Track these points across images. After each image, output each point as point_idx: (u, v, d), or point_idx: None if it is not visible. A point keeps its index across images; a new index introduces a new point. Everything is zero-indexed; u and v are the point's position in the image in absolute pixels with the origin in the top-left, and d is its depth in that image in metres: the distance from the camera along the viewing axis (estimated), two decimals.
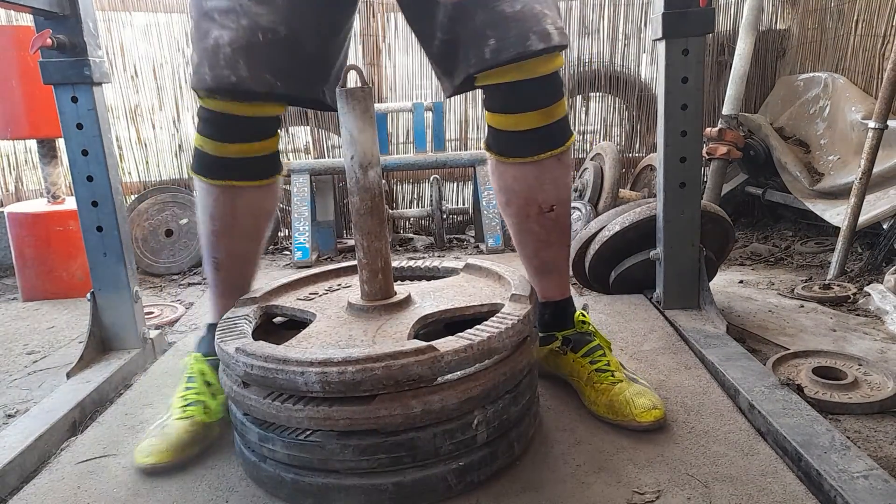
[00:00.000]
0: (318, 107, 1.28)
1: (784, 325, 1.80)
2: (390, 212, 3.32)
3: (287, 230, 3.33)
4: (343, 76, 1.11)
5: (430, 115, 3.26)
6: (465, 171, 3.54)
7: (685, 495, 0.96)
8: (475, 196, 3.19)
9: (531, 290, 1.13)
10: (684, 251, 1.70)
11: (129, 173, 3.49)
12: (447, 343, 0.93)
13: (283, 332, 1.21)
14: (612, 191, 2.99)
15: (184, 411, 1.18)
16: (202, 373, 1.23)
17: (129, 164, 3.48)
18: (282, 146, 3.55)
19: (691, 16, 1.54)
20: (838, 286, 2.06)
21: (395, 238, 3.37)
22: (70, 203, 2.53)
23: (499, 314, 1.03)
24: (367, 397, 0.91)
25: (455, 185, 3.66)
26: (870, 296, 1.91)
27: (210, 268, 1.28)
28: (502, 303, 1.09)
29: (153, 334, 1.74)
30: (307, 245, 2.87)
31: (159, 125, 3.45)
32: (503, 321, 1.00)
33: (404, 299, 1.12)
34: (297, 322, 1.17)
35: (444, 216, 3.16)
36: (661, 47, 1.59)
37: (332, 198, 3.15)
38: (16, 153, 3.31)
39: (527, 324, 1.04)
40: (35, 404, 1.40)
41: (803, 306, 1.95)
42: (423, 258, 1.42)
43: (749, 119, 3.04)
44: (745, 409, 1.21)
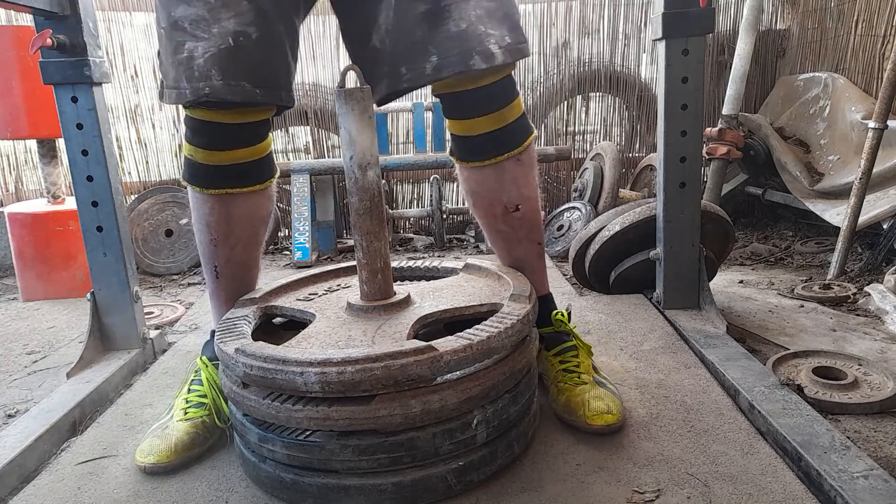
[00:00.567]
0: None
1: (784, 325, 1.79)
2: (390, 212, 3.32)
3: (287, 230, 3.33)
4: (342, 76, 1.11)
5: (430, 115, 3.26)
6: None
7: (685, 494, 0.96)
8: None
9: (530, 290, 1.13)
10: (684, 251, 1.70)
11: (129, 173, 3.49)
12: (446, 343, 0.93)
13: (283, 333, 1.21)
14: (612, 191, 2.99)
15: (185, 413, 1.18)
16: (210, 378, 1.22)
17: (129, 164, 3.48)
18: (282, 146, 3.60)
19: (691, 16, 1.54)
20: (838, 286, 2.06)
21: (395, 238, 3.37)
22: (70, 203, 2.53)
23: (498, 314, 1.03)
24: (366, 397, 0.91)
25: (455, 185, 3.66)
26: (870, 296, 1.91)
27: (210, 276, 1.27)
28: (502, 303, 1.09)
29: (153, 334, 1.74)
30: (307, 245, 2.87)
31: (159, 125, 3.45)
32: (502, 321, 1.00)
33: (403, 299, 1.12)
34: (297, 322, 1.17)
35: (444, 216, 3.16)
36: (661, 47, 1.59)
37: (332, 198, 3.15)
38: (16, 153, 3.31)
39: (526, 324, 1.04)
40: (35, 404, 1.40)
41: (803, 306, 1.95)
42: (423, 258, 1.42)
43: (749, 119, 3.04)
44: (745, 408, 1.21)
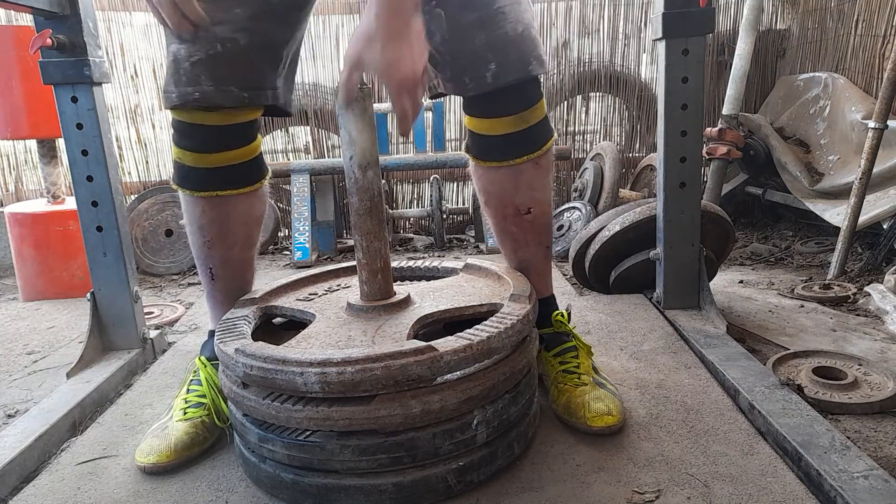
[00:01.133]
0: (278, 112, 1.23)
1: (784, 325, 1.79)
2: (390, 212, 3.32)
3: (287, 230, 3.33)
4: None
5: (430, 115, 3.26)
6: (464, 171, 3.50)
7: (685, 494, 0.96)
8: (475, 196, 3.18)
9: (531, 290, 1.13)
10: (684, 251, 1.70)
11: (129, 173, 3.49)
12: (446, 343, 0.93)
13: (283, 333, 1.21)
14: (612, 191, 2.99)
15: (185, 413, 1.18)
16: (209, 378, 1.22)
17: (129, 164, 3.48)
18: (282, 146, 3.59)
19: (691, 16, 1.54)
20: (838, 286, 2.06)
21: (395, 238, 3.37)
22: (70, 203, 2.53)
23: (498, 314, 1.03)
24: (366, 397, 0.91)
25: (455, 185, 3.66)
26: (870, 296, 1.90)
27: (206, 278, 1.27)
28: (502, 303, 1.09)
29: (153, 334, 1.74)
30: (307, 245, 2.87)
31: (159, 125, 3.45)
32: (502, 321, 1.00)
33: (403, 299, 1.12)
34: (297, 323, 1.17)
35: (444, 216, 3.16)
36: (661, 47, 1.59)
37: (332, 198, 3.15)
38: (16, 153, 3.31)
39: (526, 324, 1.04)
40: (35, 404, 1.39)
41: (803, 306, 1.95)
42: (423, 258, 1.42)
43: (749, 119, 3.04)
44: (746, 409, 1.21)
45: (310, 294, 1.25)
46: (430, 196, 3.15)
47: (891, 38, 2.52)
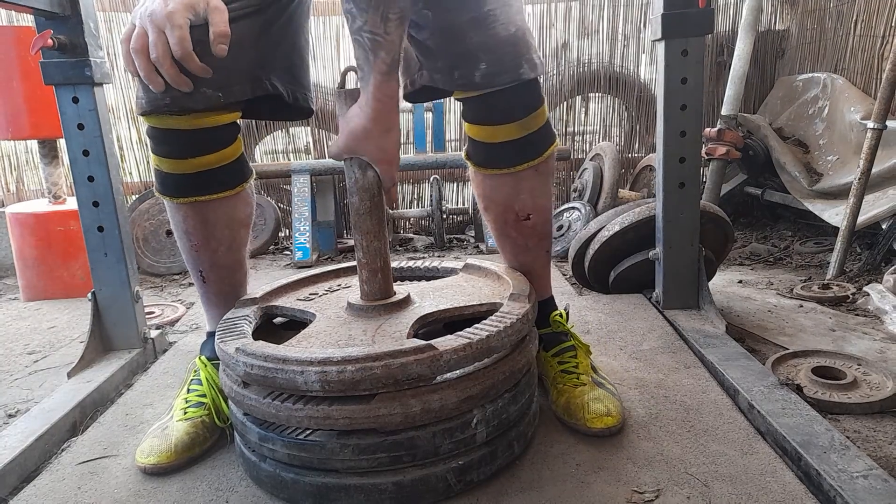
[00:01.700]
0: (274, 113, 1.22)
1: (783, 324, 1.80)
2: (390, 212, 3.32)
3: (287, 230, 3.33)
4: (342, 77, 1.11)
5: (430, 115, 3.27)
6: (464, 172, 3.49)
7: (685, 494, 0.97)
8: (475, 196, 3.19)
9: (530, 290, 1.13)
10: (684, 251, 1.70)
11: (130, 173, 3.49)
12: (446, 342, 0.93)
13: (283, 333, 1.21)
14: (612, 191, 2.99)
15: (185, 413, 1.18)
16: (210, 378, 1.23)
17: (130, 164, 3.49)
18: (282, 146, 3.60)
19: (691, 16, 1.55)
20: (837, 286, 2.06)
21: (395, 238, 3.37)
22: (71, 203, 2.54)
23: (498, 313, 1.03)
24: (366, 396, 0.91)
25: (455, 185, 3.66)
26: (869, 296, 1.91)
27: (197, 281, 1.27)
28: (501, 302, 1.09)
29: (154, 334, 1.74)
30: (308, 245, 2.87)
31: None
32: (502, 320, 1.00)
33: (403, 299, 1.12)
34: (297, 322, 1.18)
35: (444, 216, 3.16)
36: (661, 48, 1.60)
37: (332, 198, 3.16)
38: (17, 153, 3.32)
39: (525, 323, 1.04)
40: (36, 404, 1.40)
41: (802, 306, 1.96)
42: (423, 258, 1.43)
43: (748, 119, 3.04)
44: (745, 408, 1.21)
45: (310, 294, 1.26)
46: (430, 196, 3.15)
47: (890, 38, 2.52)
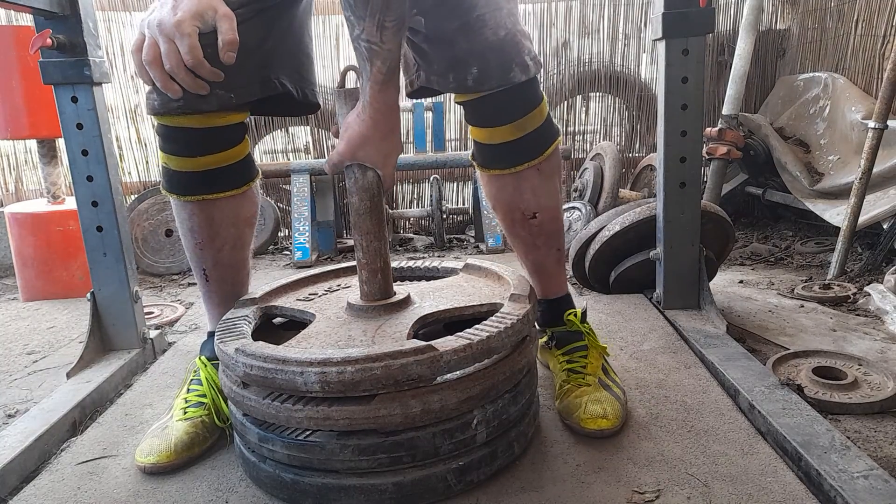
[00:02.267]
0: (283, 109, 1.23)
1: (784, 325, 1.79)
2: (390, 212, 3.32)
3: (287, 230, 3.33)
4: (342, 76, 1.11)
5: (430, 115, 3.26)
6: (465, 171, 3.54)
7: (685, 494, 0.96)
8: (475, 196, 3.19)
9: (530, 290, 1.13)
10: (684, 251, 1.70)
11: (129, 173, 3.49)
12: (446, 343, 0.93)
13: (283, 333, 1.21)
14: (612, 191, 2.99)
15: (185, 413, 1.18)
16: (210, 378, 1.23)
17: (129, 164, 3.48)
18: (282, 146, 3.59)
19: (691, 16, 1.54)
20: (838, 286, 2.06)
21: (395, 238, 3.37)
22: (70, 203, 2.53)
23: (498, 314, 1.03)
24: (366, 397, 0.91)
25: (455, 185, 3.66)
26: (870, 296, 1.90)
27: (200, 280, 1.27)
28: (501, 302, 1.09)
29: (153, 334, 1.73)
30: (307, 245, 2.87)
31: None
32: (502, 321, 1.00)
33: (403, 299, 1.12)
34: (297, 322, 1.17)
35: (444, 216, 3.16)
36: (661, 47, 1.59)
37: (332, 198, 3.15)
38: (16, 153, 3.31)
39: (526, 323, 1.04)
40: (35, 404, 1.39)
41: (803, 306, 1.95)
42: (423, 258, 1.42)
43: (749, 119, 3.04)
44: (746, 408, 1.21)
45: (310, 294, 1.25)
46: (430, 196, 3.15)
47: (891, 38, 2.52)
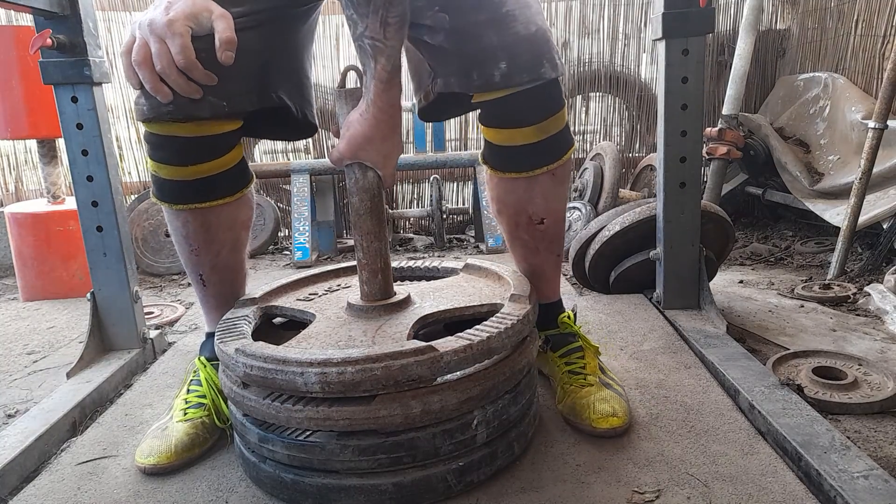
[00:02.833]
0: (280, 131, 1.22)
1: (784, 325, 1.79)
2: (390, 212, 3.32)
3: (287, 230, 3.33)
4: (342, 76, 1.10)
5: None
6: (465, 171, 3.54)
7: (685, 494, 0.96)
8: (475, 196, 3.19)
9: (530, 290, 1.13)
10: (684, 251, 1.70)
11: (129, 173, 3.49)
12: (447, 343, 0.93)
13: (283, 333, 1.21)
14: (612, 191, 2.99)
15: (185, 413, 1.17)
16: (209, 378, 1.22)
17: (130, 164, 3.48)
18: (282, 146, 3.59)
19: (691, 16, 1.54)
20: (838, 286, 2.06)
21: (395, 238, 3.37)
22: (70, 203, 2.53)
23: (498, 314, 1.03)
24: (366, 398, 0.91)
25: (455, 185, 3.66)
26: (870, 296, 1.90)
27: (197, 285, 1.26)
28: (502, 303, 1.09)
29: (153, 334, 1.73)
30: (307, 245, 2.87)
31: None
32: (502, 321, 1.00)
33: (404, 300, 1.12)
34: (297, 322, 1.17)
35: (444, 216, 3.16)
36: (661, 47, 1.59)
37: (332, 198, 3.15)
38: (16, 153, 3.31)
39: (526, 324, 1.04)
40: (35, 404, 1.39)
41: (803, 306, 1.95)
42: (423, 258, 1.42)
43: (749, 119, 3.04)
44: (746, 408, 1.21)
45: (310, 294, 1.25)
46: (430, 196, 3.15)
47: (891, 38, 2.52)
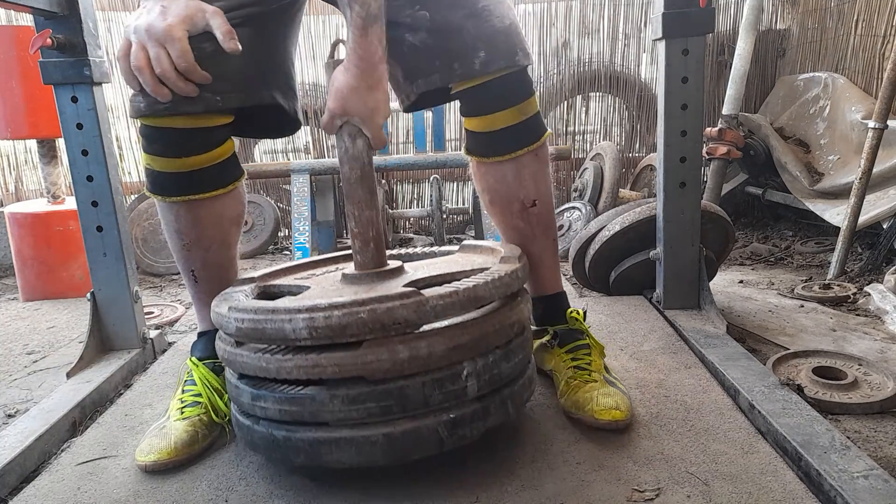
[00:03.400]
0: (268, 130, 1.27)
1: (784, 325, 1.80)
2: (390, 212, 3.32)
3: (287, 230, 3.33)
4: (332, 48, 1.12)
5: (430, 115, 3.26)
6: (465, 171, 3.53)
7: (685, 493, 0.96)
8: (475, 196, 3.19)
9: (520, 254, 1.15)
10: (684, 251, 1.70)
11: (129, 173, 3.49)
12: (433, 290, 0.94)
13: None
14: (612, 191, 2.99)
15: (182, 413, 1.18)
16: (203, 377, 1.23)
17: (129, 163, 3.48)
18: (282, 146, 3.59)
19: (691, 16, 1.55)
20: (838, 286, 2.06)
21: (395, 238, 3.37)
22: (70, 203, 2.53)
23: (486, 271, 1.04)
24: (354, 343, 0.92)
25: (455, 185, 3.66)
26: (870, 296, 1.91)
27: (189, 281, 1.28)
28: (491, 266, 1.10)
29: (153, 334, 1.74)
30: (307, 245, 2.87)
31: None
32: (490, 275, 1.01)
33: (397, 268, 1.12)
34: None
35: (444, 216, 3.16)
36: (661, 47, 1.59)
37: (332, 197, 3.15)
38: (16, 153, 3.31)
39: (514, 279, 1.05)
40: (35, 404, 1.40)
41: (803, 306, 1.95)
42: (423, 250, 1.42)
43: (749, 119, 3.04)
44: (746, 408, 1.21)
45: (309, 274, 1.27)
46: (430, 196, 3.15)
47: (891, 38, 2.52)
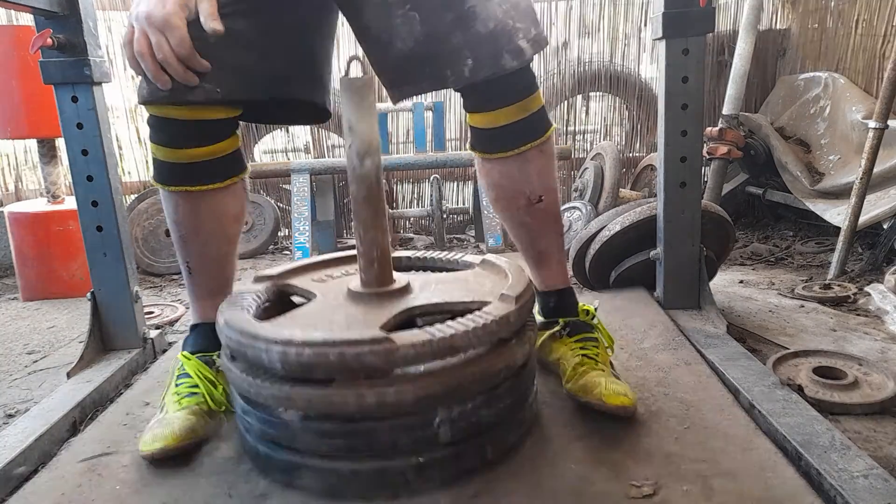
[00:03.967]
0: (285, 116, 1.29)
1: (784, 324, 1.80)
2: (390, 211, 3.32)
3: (287, 230, 3.33)
4: (347, 66, 1.12)
5: (430, 114, 3.26)
6: (465, 171, 3.54)
7: (684, 489, 0.96)
8: (475, 196, 3.19)
9: (523, 290, 1.08)
10: (684, 251, 1.70)
11: (129, 173, 3.49)
12: (406, 336, 0.92)
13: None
14: (613, 191, 2.99)
15: (180, 403, 1.18)
16: (196, 369, 1.23)
17: (129, 163, 3.49)
18: (282, 146, 3.59)
19: (691, 15, 1.55)
20: (839, 286, 2.06)
21: (396, 238, 3.37)
22: (70, 203, 2.53)
23: (476, 313, 1.00)
24: (325, 381, 0.92)
25: (455, 184, 3.66)
26: (870, 296, 1.91)
27: (184, 272, 1.29)
28: (490, 301, 1.06)
29: (153, 334, 1.74)
30: (307, 245, 2.87)
31: None
32: (476, 320, 0.97)
33: (401, 289, 1.10)
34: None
35: (444, 216, 3.16)
36: (662, 47, 1.59)
37: (332, 197, 3.15)
38: (16, 153, 3.31)
39: (504, 325, 1.00)
40: (35, 404, 1.40)
41: (804, 306, 1.95)
42: (444, 252, 1.40)
43: (749, 119, 3.04)
44: (746, 408, 1.20)
45: (325, 276, 1.26)
46: (430, 196, 3.15)
47: (891, 38, 2.52)
